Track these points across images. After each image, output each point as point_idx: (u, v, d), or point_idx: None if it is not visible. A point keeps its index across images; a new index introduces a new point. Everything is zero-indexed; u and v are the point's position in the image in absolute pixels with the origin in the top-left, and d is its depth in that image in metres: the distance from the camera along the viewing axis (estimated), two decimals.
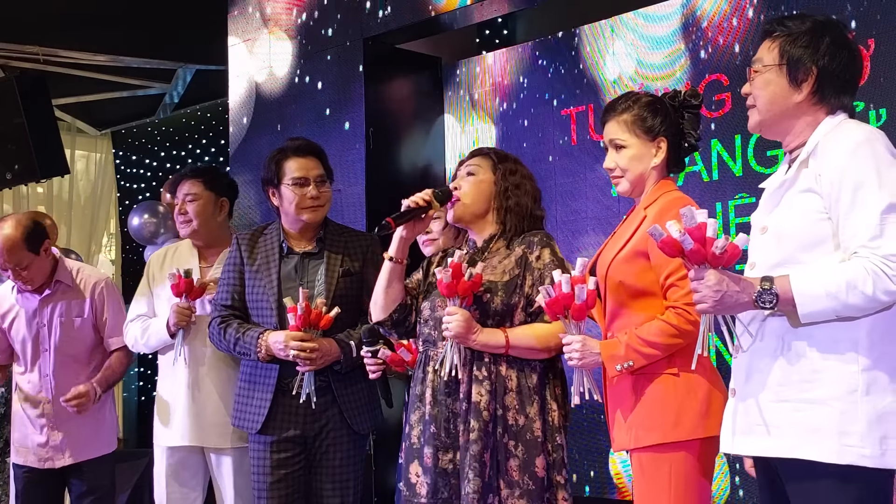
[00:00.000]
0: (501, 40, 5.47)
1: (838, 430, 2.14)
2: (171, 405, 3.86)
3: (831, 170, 2.18)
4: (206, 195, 3.93)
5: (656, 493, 2.57)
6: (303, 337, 3.31)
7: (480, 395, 2.84)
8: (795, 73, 2.28)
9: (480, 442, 2.80)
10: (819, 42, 2.29)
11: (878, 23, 3.88)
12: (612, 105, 2.77)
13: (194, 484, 3.89)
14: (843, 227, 2.16)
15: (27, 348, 4.08)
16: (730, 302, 2.14)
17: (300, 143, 3.59)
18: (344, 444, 3.46)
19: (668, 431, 2.56)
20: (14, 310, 4.12)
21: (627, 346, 2.58)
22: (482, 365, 2.87)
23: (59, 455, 4.05)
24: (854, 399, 2.15)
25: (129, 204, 7.76)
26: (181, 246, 4.06)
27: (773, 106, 2.31)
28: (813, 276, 2.13)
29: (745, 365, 2.30)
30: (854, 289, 2.09)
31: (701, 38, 4.40)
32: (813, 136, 2.28)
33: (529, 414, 2.84)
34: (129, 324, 3.99)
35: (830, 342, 2.18)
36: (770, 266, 2.22)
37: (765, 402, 2.23)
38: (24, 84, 5.98)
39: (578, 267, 2.71)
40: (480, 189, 3.00)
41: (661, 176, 2.73)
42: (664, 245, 2.21)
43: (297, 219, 3.50)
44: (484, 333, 2.85)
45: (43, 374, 4.05)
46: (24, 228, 3.97)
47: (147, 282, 4.01)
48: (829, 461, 2.13)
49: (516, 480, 2.81)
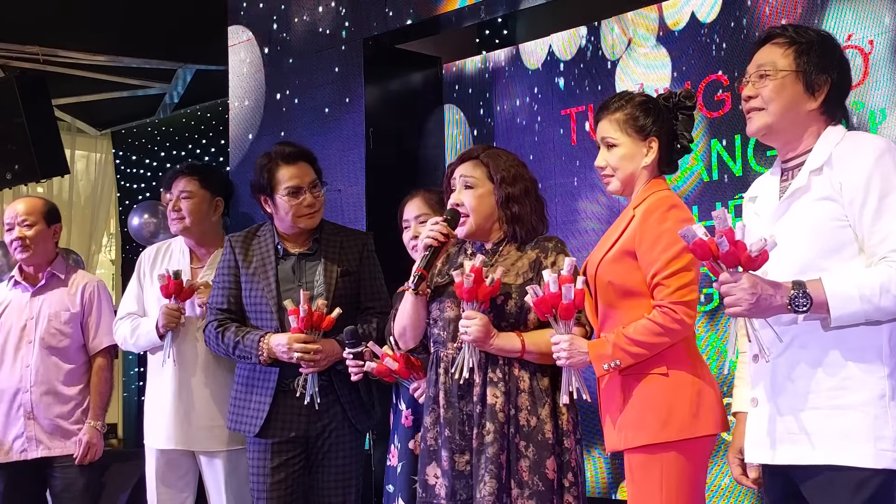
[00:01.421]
0: (501, 40, 5.46)
1: (874, 436, 2.17)
2: (160, 407, 3.86)
3: (855, 178, 2.21)
4: (200, 193, 3.92)
5: (648, 494, 2.57)
6: (306, 339, 3.31)
7: (496, 396, 2.85)
8: (812, 82, 2.32)
9: (497, 444, 2.81)
10: (832, 54, 2.35)
11: (879, 23, 3.88)
12: (605, 104, 2.78)
13: (182, 486, 3.88)
14: (870, 233, 2.19)
15: (10, 339, 4.10)
16: (764, 305, 2.15)
17: (290, 149, 3.55)
18: (346, 443, 3.47)
19: (658, 432, 2.56)
20: (5, 302, 4.16)
21: (614, 346, 2.59)
22: (497, 367, 2.88)
23: (34, 446, 4.04)
24: (884, 404, 2.18)
25: (129, 204, 7.75)
26: (173, 245, 4.05)
27: (787, 112, 2.33)
28: (846, 280, 2.15)
29: (769, 373, 2.30)
30: (888, 292, 2.13)
31: (701, 38, 4.40)
32: (820, 145, 2.31)
33: (541, 415, 2.85)
34: (118, 321, 3.98)
35: (859, 349, 2.20)
36: (791, 273, 2.22)
37: (796, 410, 2.24)
38: (24, 84, 5.98)
39: (566, 267, 2.73)
40: (483, 203, 3.00)
41: (651, 176, 2.73)
42: (696, 248, 2.20)
43: (294, 226, 3.49)
44: (501, 338, 2.86)
45: (24, 364, 4.06)
46: (46, 201, 4.28)
47: (138, 279, 4.00)
48: (867, 466, 2.16)
49: (526, 481, 2.82)
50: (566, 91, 4.87)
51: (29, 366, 4.06)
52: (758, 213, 2.44)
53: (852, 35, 3.91)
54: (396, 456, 3.49)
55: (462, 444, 2.89)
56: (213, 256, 3.86)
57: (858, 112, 3.89)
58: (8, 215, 4.14)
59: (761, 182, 2.51)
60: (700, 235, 2.18)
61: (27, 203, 4.15)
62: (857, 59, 3.88)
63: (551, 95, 4.93)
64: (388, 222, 4.84)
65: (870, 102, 3.88)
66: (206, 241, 3.96)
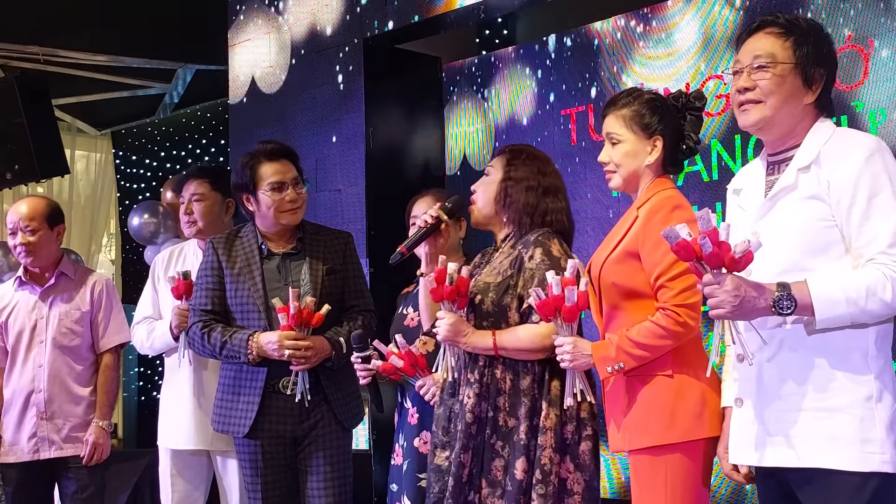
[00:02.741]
0: (501, 40, 5.47)
1: (860, 438, 2.13)
2: (176, 408, 3.87)
3: (843, 178, 2.16)
4: (212, 195, 3.93)
5: (652, 495, 2.56)
6: (297, 336, 3.31)
7: (468, 396, 2.86)
8: (810, 75, 2.26)
9: (460, 442, 2.82)
10: (825, 46, 2.29)
11: (880, 23, 3.88)
12: (613, 99, 2.76)
13: (198, 483, 3.90)
14: (857, 234, 2.14)
15: (22, 340, 4.07)
16: (748, 307, 2.11)
17: (272, 146, 3.56)
18: (333, 441, 3.47)
19: (662, 433, 2.54)
20: (13, 303, 4.12)
21: (618, 348, 2.57)
22: (475, 368, 2.87)
23: (46, 446, 4.03)
24: (870, 406, 2.14)
25: (129, 204, 7.76)
26: (185, 247, 4.06)
27: (785, 106, 2.27)
28: (832, 282, 2.11)
29: (754, 375, 2.27)
30: (874, 295, 2.08)
31: (701, 38, 4.40)
32: (809, 142, 2.26)
33: (519, 416, 2.83)
34: (135, 326, 4.00)
35: (843, 350, 2.17)
36: (775, 273, 2.19)
37: (780, 412, 2.21)
38: (24, 84, 5.97)
39: (569, 269, 2.71)
40: (489, 191, 3.00)
41: (655, 175, 2.70)
42: (679, 249, 2.16)
43: (276, 223, 3.49)
44: (474, 335, 2.85)
45: (36, 364, 4.04)
46: (49, 201, 4.22)
47: (152, 283, 4.02)
48: (854, 469, 2.12)
49: (499, 480, 2.81)
50: (566, 91, 4.87)
51: (42, 366, 4.04)
52: (742, 207, 2.39)
53: (852, 35, 3.91)
54: (401, 455, 3.50)
55: (444, 440, 2.91)
56: None
57: (858, 112, 3.89)
58: (10, 219, 4.12)
59: (745, 173, 2.45)
60: (683, 236, 2.15)
61: (30, 206, 4.12)
62: (858, 59, 3.89)
63: (551, 95, 4.93)
64: (387, 222, 4.86)
65: (870, 102, 3.88)
66: None
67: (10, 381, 4.08)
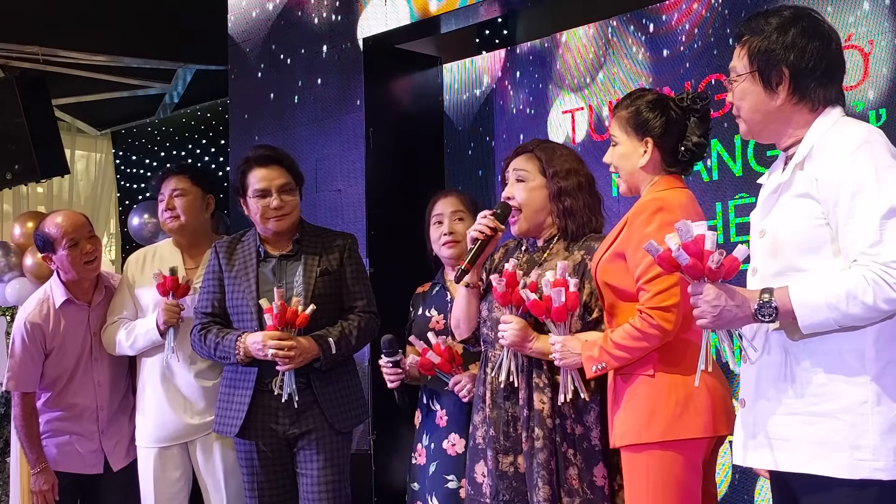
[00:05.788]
0: (501, 40, 5.46)
1: (850, 444, 2.09)
2: (150, 408, 3.87)
3: (829, 174, 2.12)
4: (193, 191, 3.94)
5: (638, 492, 2.59)
6: (280, 336, 3.33)
7: (543, 402, 2.83)
8: (768, 78, 2.21)
9: (546, 450, 2.79)
10: (784, 39, 2.20)
11: (880, 23, 3.88)
12: (620, 101, 2.78)
13: (179, 475, 3.89)
14: (842, 233, 2.10)
15: (80, 361, 3.98)
16: (728, 317, 2.11)
17: (262, 152, 3.58)
18: (327, 445, 3.47)
19: (641, 432, 2.57)
20: (61, 327, 3.97)
21: (601, 349, 2.62)
22: (541, 372, 2.85)
23: (100, 460, 4.02)
24: (864, 411, 2.09)
25: (129, 204, 7.76)
26: (161, 248, 4.04)
27: (756, 114, 2.26)
28: (812, 287, 2.08)
29: (754, 376, 2.26)
30: (854, 299, 2.03)
31: (701, 38, 4.40)
32: (807, 137, 2.22)
33: (587, 422, 2.82)
34: (107, 327, 3.95)
35: (836, 353, 2.13)
36: (771, 275, 2.18)
37: (773, 414, 2.20)
38: (24, 84, 5.97)
39: (559, 270, 2.74)
40: (534, 197, 2.96)
41: (655, 175, 2.71)
42: (661, 261, 2.18)
43: (264, 228, 3.52)
44: (540, 341, 2.83)
45: (96, 382, 4.00)
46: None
47: (125, 284, 3.99)
48: (842, 476, 2.09)
49: (576, 489, 2.79)
50: (566, 91, 4.87)
51: (101, 384, 4.01)
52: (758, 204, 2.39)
53: (852, 35, 3.91)
54: (424, 455, 3.47)
55: (506, 445, 2.87)
56: (205, 256, 3.85)
57: (858, 112, 3.89)
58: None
59: (771, 169, 2.41)
60: (670, 246, 2.15)
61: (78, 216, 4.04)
62: (857, 59, 3.88)
63: (551, 95, 4.92)
64: (387, 222, 4.86)
65: (870, 102, 3.88)
66: (198, 240, 3.96)
67: (69, 398, 3.99)
